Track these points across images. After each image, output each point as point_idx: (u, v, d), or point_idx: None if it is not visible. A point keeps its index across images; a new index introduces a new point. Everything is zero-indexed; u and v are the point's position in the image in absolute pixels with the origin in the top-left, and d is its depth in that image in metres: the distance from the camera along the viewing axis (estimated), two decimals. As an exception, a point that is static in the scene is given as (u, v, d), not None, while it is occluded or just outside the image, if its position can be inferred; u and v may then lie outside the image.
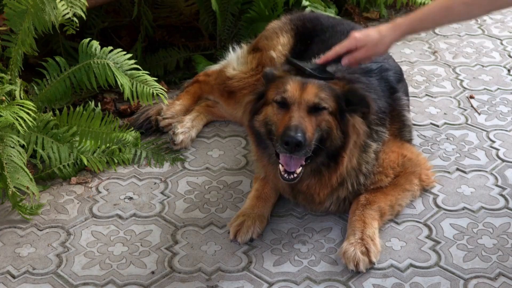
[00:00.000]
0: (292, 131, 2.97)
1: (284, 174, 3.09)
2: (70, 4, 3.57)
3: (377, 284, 3.03)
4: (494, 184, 3.61)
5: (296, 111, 3.07)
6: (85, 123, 3.64)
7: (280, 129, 3.04)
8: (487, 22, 5.35)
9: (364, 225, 3.18)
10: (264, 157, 3.30)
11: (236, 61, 4.14)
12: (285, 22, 4.10)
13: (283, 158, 3.09)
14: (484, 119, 4.14)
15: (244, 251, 3.22)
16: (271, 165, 3.28)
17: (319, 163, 3.17)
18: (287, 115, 3.07)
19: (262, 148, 3.29)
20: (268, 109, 3.18)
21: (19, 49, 3.53)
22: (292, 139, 2.95)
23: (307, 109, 3.09)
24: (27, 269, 3.14)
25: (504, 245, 3.21)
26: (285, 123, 3.04)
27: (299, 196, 3.35)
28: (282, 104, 3.12)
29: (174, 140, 3.91)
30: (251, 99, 3.33)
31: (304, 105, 3.09)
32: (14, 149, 3.29)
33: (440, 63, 4.77)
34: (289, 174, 3.08)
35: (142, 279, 3.08)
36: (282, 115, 3.10)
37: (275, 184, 3.38)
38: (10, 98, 3.54)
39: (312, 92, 3.11)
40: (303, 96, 3.10)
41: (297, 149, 2.98)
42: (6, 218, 3.44)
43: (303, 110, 3.08)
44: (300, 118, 3.04)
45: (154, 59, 4.74)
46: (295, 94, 3.10)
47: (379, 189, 3.35)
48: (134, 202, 3.56)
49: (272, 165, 3.26)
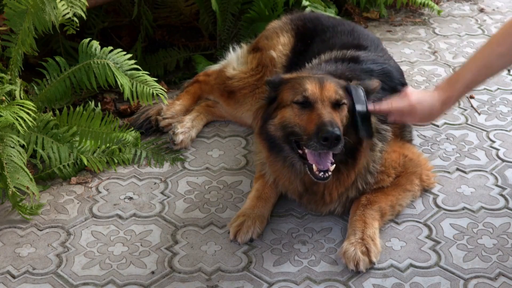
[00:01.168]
0: (328, 126, 2.96)
1: (319, 173, 3.08)
2: (70, 4, 3.57)
3: (377, 284, 3.03)
4: (494, 184, 3.61)
5: (322, 108, 3.07)
6: (85, 123, 3.64)
7: (312, 127, 3.02)
8: (487, 22, 5.35)
9: (364, 225, 3.18)
10: (278, 160, 3.27)
11: (236, 61, 4.15)
12: (286, 22, 4.10)
13: (312, 158, 3.07)
14: (484, 119, 4.14)
15: (244, 251, 3.22)
16: (286, 168, 3.26)
17: (337, 161, 3.16)
18: (314, 113, 3.06)
19: (275, 152, 3.26)
20: (286, 112, 3.16)
21: (19, 49, 3.52)
22: (332, 134, 2.94)
23: (330, 105, 3.10)
24: (27, 269, 3.14)
25: (504, 245, 3.21)
26: (315, 121, 3.02)
27: (306, 196, 3.34)
28: (304, 104, 3.11)
29: (174, 140, 3.91)
30: (262, 105, 3.31)
31: (327, 101, 3.10)
32: (14, 149, 3.29)
33: (440, 63, 4.77)
34: (324, 172, 3.07)
35: (142, 279, 3.08)
36: (307, 115, 3.09)
37: (285, 186, 3.35)
38: (10, 98, 3.54)
39: (332, 88, 3.13)
40: (324, 93, 3.11)
41: (336, 143, 2.97)
42: (6, 218, 3.44)
43: (328, 106, 3.09)
44: (329, 114, 3.05)
45: (154, 59, 4.74)
46: (316, 92, 3.11)
47: (380, 189, 3.35)
48: (134, 202, 3.56)
49: (288, 168, 3.25)
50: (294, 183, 3.27)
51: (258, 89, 4.00)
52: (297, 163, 3.21)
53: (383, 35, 5.14)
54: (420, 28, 5.28)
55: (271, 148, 3.27)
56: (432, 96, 3.13)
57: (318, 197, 3.30)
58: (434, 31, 5.22)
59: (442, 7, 5.61)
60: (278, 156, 3.26)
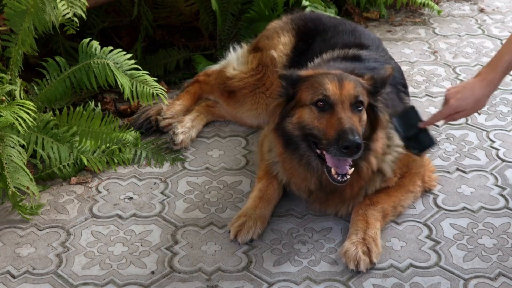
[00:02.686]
0: (349, 134, 2.94)
1: (338, 177, 3.06)
2: (70, 4, 3.57)
3: (377, 284, 3.03)
4: (494, 184, 3.61)
5: (342, 111, 3.05)
6: (85, 123, 3.64)
7: (332, 133, 3.00)
8: (487, 22, 5.35)
9: (366, 225, 3.18)
10: (294, 158, 3.25)
11: (236, 61, 4.14)
12: (286, 21, 4.10)
13: (331, 161, 3.06)
14: (484, 119, 4.14)
15: (244, 251, 3.22)
16: (302, 166, 3.24)
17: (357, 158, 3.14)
18: (335, 117, 3.04)
19: (291, 150, 3.24)
20: (304, 112, 3.14)
21: (19, 49, 3.53)
22: (353, 143, 2.93)
23: (350, 107, 3.08)
24: (27, 269, 3.14)
25: (504, 245, 3.21)
26: (336, 127, 3.00)
27: (313, 195, 3.31)
28: (324, 105, 3.09)
29: (174, 140, 3.91)
30: (280, 102, 3.27)
31: (347, 103, 3.08)
32: (14, 149, 3.29)
33: (440, 63, 4.77)
34: (342, 176, 3.06)
35: (142, 279, 3.08)
36: (327, 118, 3.06)
37: (297, 184, 3.33)
38: (10, 98, 3.54)
39: (351, 87, 3.10)
40: (343, 93, 3.08)
41: (356, 151, 2.96)
42: (6, 218, 3.44)
43: (348, 109, 3.07)
44: (349, 119, 3.03)
45: (154, 59, 4.74)
46: (336, 92, 3.08)
47: (383, 190, 3.34)
48: (134, 202, 3.56)
49: (304, 166, 3.23)
50: (309, 181, 3.25)
51: (258, 89, 4.00)
52: (314, 161, 3.20)
53: (383, 35, 5.14)
54: (420, 28, 5.28)
55: (287, 145, 3.24)
56: (473, 86, 3.17)
57: (336, 194, 3.27)
58: (434, 31, 5.22)
59: (442, 7, 5.61)
60: (294, 153, 3.24)
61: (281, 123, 3.23)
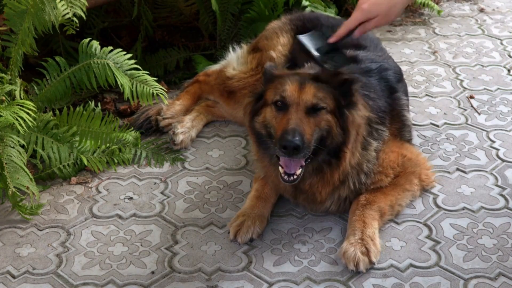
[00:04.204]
0: (289, 135, 2.96)
1: (284, 176, 3.08)
2: (70, 4, 3.57)
3: (377, 284, 3.03)
4: (494, 184, 3.61)
5: (294, 113, 3.06)
6: (85, 123, 3.64)
7: (278, 132, 3.03)
8: (487, 22, 5.35)
9: (364, 225, 3.18)
10: (265, 157, 3.30)
11: (236, 61, 4.14)
12: (285, 22, 4.10)
13: (282, 160, 3.08)
14: (484, 119, 4.14)
15: (244, 251, 3.22)
16: (272, 166, 3.27)
17: (320, 161, 3.17)
18: (285, 118, 3.06)
19: (263, 149, 3.28)
20: (267, 111, 3.17)
21: (19, 49, 3.53)
22: (290, 143, 2.94)
23: (305, 110, 3.07)
24: (27, 269, 3.14)
25: (504, 245, 3.21)
26: (283, 126, 3.02)
27: (299, 196, 3.34)
28: (281, 105, 3.11)
29: (174, 140, 3.91)
30: (250, 101, 3.32)
31: (302, 106, 3.07)
32: (14, 149, 3.29)
33: (440, 63, 4.77)
34: (289, 176, 3.08)
35: (142, 279, 3.08)
36: (281, 118, 3.09)
37: (275, 184, 3.37)
38: (10, 98, 3.54)
39: (310, 92, 3.09)
40: (301, 97, 3.08)
41: (295, 152, 2.97)
42: (6, 218, 3.44)
43: (301, 111, 3.07)
44: (298, 120, 3.03)
45: (154, 59, 4.74)
46: (294, 95, 3.09)
47: (379, 189, 3.35)
48: (134, 202, 3.56)
49: (273, 166, 3.25)
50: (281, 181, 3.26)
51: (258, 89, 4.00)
52: None
53: (383, 35, 5.14)
54: (420, 28, 5.28)
55: (260, 144, 3.28)
56: None
57: (309, 196, 3.30)
58: (434, 31, 5.22)
59: (442, 7, 5.61)
60: (266, 153, 3.27)
61: (251, 121, 3.26)
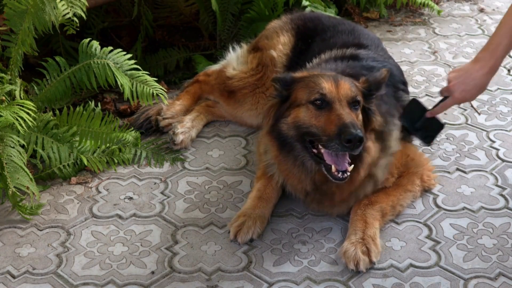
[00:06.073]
0: (351, 128, 2.95)
1: (338, 174, 3.06)
2: (70, 4, 3.57)
3: (377, 284, 3.03)
4: (494, 184, 3.61)
5: (340, 108, 3.06)
6: (85, 123, 3.64)
7: (333, 128, 3.00)
8: (487, 22, 5.35)
9: (365, 225, 3.18)
10: (288, 160, 3.25)
11: (236, 61, 4.15)
12: (286, 21, 4.10)
13: (331, 158, 3.06)
14: (484, 119, 4.14)
15: (244, 251, 3.22)
16: (297, 167, 3.23)
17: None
18: (334, 114, 3.05)
19: (286, 152, 3.24)
20: (300, 111, 3.15)
21: (19, 49, 3.53)
22: (355, 136, 2.94)
23: (348, 105, 3.09)
24: (27, 269, 3.14)
25: (504, 245, 3.21)
26: (336, 122, 3.01)
27: (310, 196, 3.31)
28: (320, 103, 3.10)
29: (174, 140, 3.91)
30: (275, 103, 3.27)
31: (344, 101, 3.09)
32: (14, 149, 3.29)
33: (440, 63, 4.77)
34: (343, 173, 3.06)
35: (142, 279, 3.08)
36: (326, 115, 3.07)
37: (294, 185, 3.33)
38: (10, 98, 3.55)
39: (347, 87, 3.12)
40: (340, 92, 3.10)
41: (359, 145, 2.97)
42: (6, 218, 3.44)
43: (346, 106, 3.09)
44: (348, 114, 3.04)
45: (154, 59, 4.75)
46: (333, 91, 3.10)
47: (381, 189, 3.35)
48: (134, 202, 3.56)
49: (298, 167, 3.22)
50: (304, 182, 3.25)
51: (258, 89, 4.00)
52: (308, 162, 3.19)
53: (383, 35, 5.15)
54: (420, 28, 5.28)
55: (282, 147, 3.24)
56: (475, 76, 3.23)
57: (328, 197, 3.27)
58: (434, 31, 5.22)
59: (442, 7, 5.61)
60: (289, 155, 3.24)
61: (276, 124, 3.24)
